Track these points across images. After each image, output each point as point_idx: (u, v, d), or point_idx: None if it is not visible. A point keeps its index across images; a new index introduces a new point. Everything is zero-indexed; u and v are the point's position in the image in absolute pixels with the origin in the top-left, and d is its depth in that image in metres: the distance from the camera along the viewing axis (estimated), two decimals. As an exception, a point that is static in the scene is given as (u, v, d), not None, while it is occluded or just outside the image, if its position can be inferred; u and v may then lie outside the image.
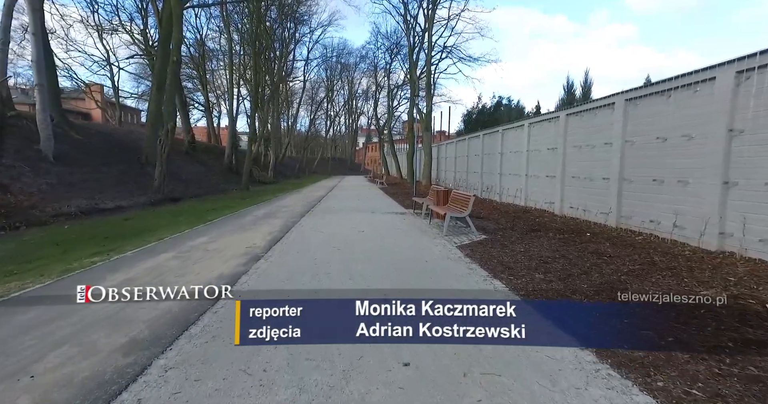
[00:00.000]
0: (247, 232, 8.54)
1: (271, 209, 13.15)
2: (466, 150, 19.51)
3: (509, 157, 14.40)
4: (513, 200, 13.71)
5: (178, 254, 6.27)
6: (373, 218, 11.00)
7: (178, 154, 26.08)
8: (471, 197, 8.22)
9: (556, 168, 11.01)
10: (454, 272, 5.37)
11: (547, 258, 6.05)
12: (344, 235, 8.19)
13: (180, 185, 20.59)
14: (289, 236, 8.10)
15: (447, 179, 23.50)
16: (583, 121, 9.91)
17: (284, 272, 5.29)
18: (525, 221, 9.91)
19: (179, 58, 16.85)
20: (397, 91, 39.34)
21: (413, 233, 8.50)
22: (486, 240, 7.63)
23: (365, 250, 6.74)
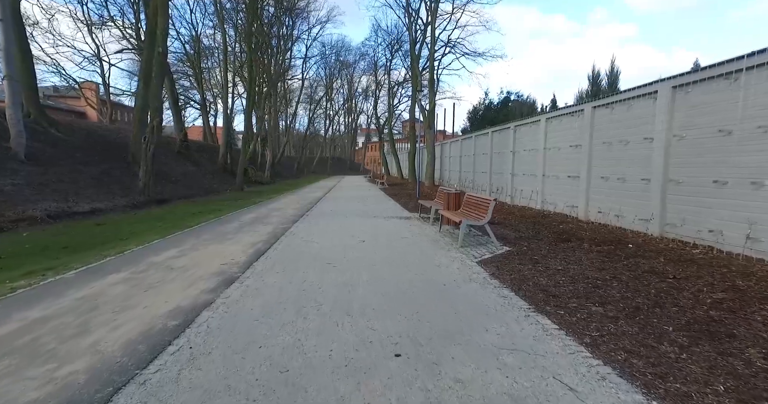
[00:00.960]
0: (227, 242, 7.25)
1: (261, 213, 11.86)
2: (472, 149, 18.24)
3: (523, 155, 13.12)
4: (527, 203, 12.43)
5: (132, 275, 4.98)
6: (375, 224, 9.72)
7: (170, 153, 24.80)
8: (490, 201, 6.94)
9: (579, 167, 9.74)
10: (483, 302, 4.09)
11: (596, 281, 4.77)
12: (341, 246, 6.91)
13: (169, 186, 19.30)
14: (276, 247, 6.81)
15: (451, 179, 22.21)
16: (614, 114, 8.64)
17: (260, 304, 4.00)
18: (548, 228, 8.63)
19: (165, 49, 15.58)
20: (398, 89, 38.08)
21: (423, 244, 7.22)
22: (511, 253, 6.35)
23: (367, 268, 5.46)
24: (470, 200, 8.10)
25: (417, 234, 8.22)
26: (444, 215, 8.23)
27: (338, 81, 54.98)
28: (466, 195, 8.51)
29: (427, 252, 6.49)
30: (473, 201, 7.87)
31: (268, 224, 9.66)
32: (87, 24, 27.96)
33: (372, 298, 4.19)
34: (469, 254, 6.41)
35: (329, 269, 5.37)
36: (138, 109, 17.98)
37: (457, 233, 8.23)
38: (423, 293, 4.35)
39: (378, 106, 45.38)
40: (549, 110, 12.01)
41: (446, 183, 22.99)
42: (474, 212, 7.53)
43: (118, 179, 16.23)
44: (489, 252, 6.52)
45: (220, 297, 4.20)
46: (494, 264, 5.69)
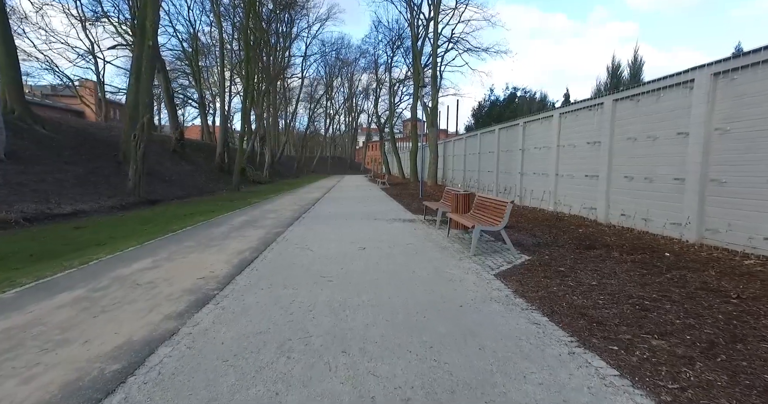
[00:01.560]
0: (211, 250, 6.43)
1: (255, 215, 11.05)
2: (477, 147, 17.41)
3: (533, 154, 12.30)
4: (539, 204, 11.61)
5: (87, 294, 4.17)
6: (377, 227, 8.91)
7: (165, 152, 24.01)
8: (507, 204, 6.11)
9: (599, 166, 8.92)
10: (512, 332, 3.27)
11: (643, 301, 3.95)
12: (340, 255, 6.09)
13: (162, 186, 18.51)
14: (266, 256, 6.00)
15: (455, 178, 21.39)
16: (640, 107, 7.81)
17: (234, 336, 3.18)
18: (566, 233, 7.81)
19: (155, 42, 14.77)
20: (399, 87, 37.23)
21: (431, 251, 6.41)
22: (532, 264, 5.53)
23: (369, 283, 4.65)
24: (482, 202, 7.27)
25: (423, 240, 7.40)
26: (453, 218, 7.41)
27: (338, 79, 54.19)
28: (477, 197, 7.69)
29: (437, 262, 5.68)
30: (486, 203, 7.05)
31: (261, 227, 8.85)
32: (81, 20, 27.15)
33: (374, 327, 3.37)
34: (485, 264, 5.59)
35: (324, 285, 4.55)
36: (129, 105, 17.15)
37: (467, 238, 7.42)
38: (436, 319, 3.54)
39: (379, 104, 44.55)
40: (562, 105, 11.18)
41: (450, 183, 22.16)
42: (487, 216, 6.71)
43: (106, 179, 15.43)
44: (506, 262, 5.70)
45: (186, 325, 3.38)
46: (515, 278, 4.87)
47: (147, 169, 19.76)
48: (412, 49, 25.87)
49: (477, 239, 6.23)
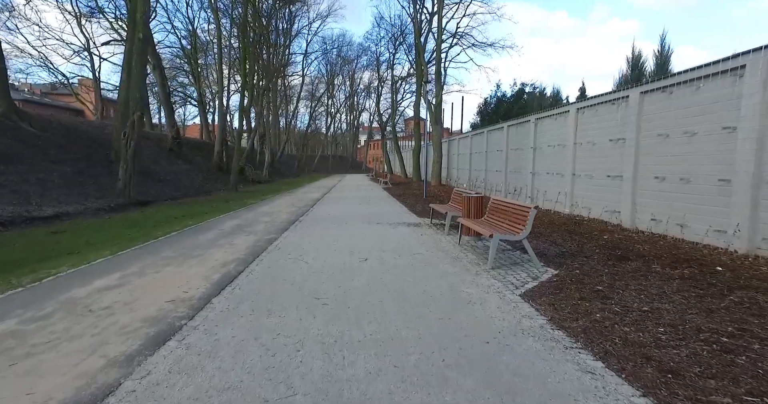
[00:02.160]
0: (190, 262, 5.62)
1: (248, 218, 10.23)
2: (484, 145, 16.55)
3: (546, 152, 11.44)
4: (553, 206, 10.76)
5: (17, 327, 3.34)
6: (380, 233, 8.09)
7: (161, 151, 23.23)
8: (530, 209, 5.28)
9: (623, 165, 8.07)
10: (564, 390, 2.45)
11: (720, 337, 3.11)
12: (338, 269, 5.27)
13: (155, 186, 17.72)
14: (252, 271, 5.18)
15: (460, 178, 20.54)
16: (673, 99, 6.96)
17: (189, 395, 2.36)
18: (590, 240, 6.98)
19: (147, 33, 13.95)
20: (402, 84, 36.36)
21: (442, 263, 5.58)
22: (561, 280, 4.69)
23: (372, 307, 3.83)
24: (498, 206, 6.44)
25: (432, 248, 6.57)
26: (465, 224, 6.57)
27: (340, 77, 53.34)
28: (491, 200, 6.85)
29: (451, 277, 4.85)
30: (503, 208, 6.21)
31: (252, 233, 8.03)
32: (76, 15, 26.36)
33: (379, 378, 2.55)
34: (506, 280, 4.76)
35: (317, 311, 3.73)
36: (121, 102, 16.35)
37: (481, 247, 6.58)
38: (460, 365, 2.71)
39: (381, 102, 43.66)
40: (577, 100, 10.34)
41: (455, 182, 21.32)
42: (506, 223, 5.88)
43: (96, 179, 14.64)
44: (531, 277, 4.87)
45: (132, 376, 2.56)
46: (546, 300, 4.04)
47: (141, 168, 19.00)
48: (415, 45, 24.99)
49: (496, 250, 5.39)
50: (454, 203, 8.99)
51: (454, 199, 9.07)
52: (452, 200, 9.16)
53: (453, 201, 9.05)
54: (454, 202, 9.00)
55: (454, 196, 9.14)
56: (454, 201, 8.94)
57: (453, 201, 9.05)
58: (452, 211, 8.04)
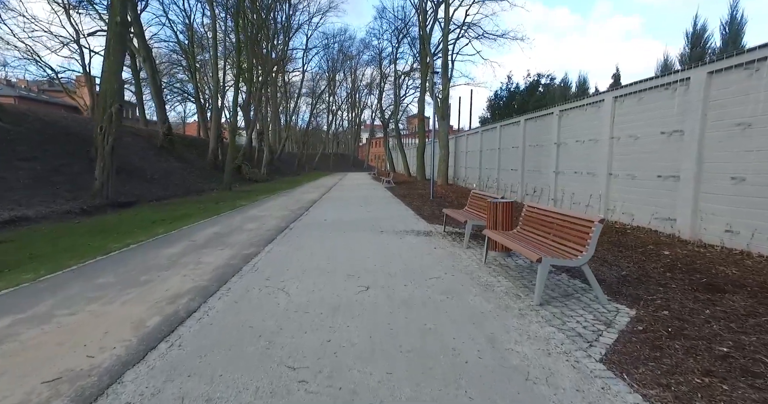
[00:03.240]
0: (129, 294, 4.13)
1: (232, 224, 8.74)
2: (497, 142, 15.01)
3: (573, 148, 9.92)
4: (583, 210, 9.24)
5: None
6: (385, 245, 6.60)
7: (151, 148, 21.77)
8: (593, 224, 3.78)
9: (680, 163, 6.56)
10: None
11: None
12: (327, 306, 3.78)
13: (141, 186, 16.26)
14: (209, 311, 3.69)
15: (468, 177, 19.01)
16: (754, 79, 5.44)
17: None
18: (648, 257, 5.49)
19: (125, 18, 12.46)
20: (405, 79, 34.76)
21: (470, 295, 4.09)
22: (652, 331, 3.19)
23: (376, 390, 2.35)
24: (539, 216, 4.93)
25: (451, 268, 5.08)
26: (497, 240, 5.06)
27: (341, 74, 51.75)
28: (526, 207, 5.35)
29: (488, 323, 3.35)
30: (546, 219, 4.71)
31: (230, 245, 6.55)
32: (64, 6, 24.85)
33: None
34: (568, 328, 3.27)
35: (288, 399, 2.25)
36: (103, 94, 14.88)
37: (513, 266, 5.08)
38: None
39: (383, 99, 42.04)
40: (610, 89, 8.81)
41: (462, 182, 19.80)
42: (553, 240, 4.38)
43: (73, 178, 13.19)
44: (601, 322, 3.38)
45: None
46: (649, 374, 2.55)
47: (126, 166, 17.56)
48: (420, 35, 23.41)
49: (544, 280, 3.88)
50: (472, 208, 7.49)
51: (472, 203, 7.56)
52: (470, 205, 7.66)
53: (471, 206, 7.55)
54: (472, 207, 7.49)
55: (472, 200, 7.64)
56: (473, 206, 7.44)
57: (471, 206, 7.55)
58: (472, 219, 6.54)
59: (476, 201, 7.36)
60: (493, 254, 5.77)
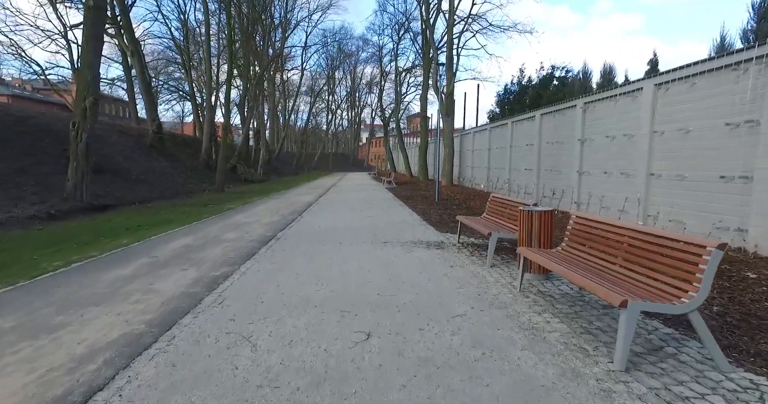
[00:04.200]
0: (26, 350, 2.85)
1: (209, 234, 7.45)
2: (508, 139, 13.73)
3: (600, 145, 8.64)
4: (618, 215, 7.96)
5: None
6: (390, 263, 5.32)
7: (140, 147, 20.48)
8: (707, 250, 2.51)
9: (754, 160, 5.28)
10: None
11: None
12: (309, 368, 2.50)
13: (124, 187, 14.97)
14: (131, 380, 2.42)
15: (476, 177, 17.71)
16: None
17: None
18: (728, 279, 4.21)
19: (99, 1, 11.15)
20: (406, 76, 33.46)
21: (514, 349, 2.82)
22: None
23: None
24: (597, 231, 3.64)
25: (478, 299, 3.80)
26: (538, 262, 3.77)
27: (340, 72, 50.44)
28: (574, 218, 4.07)
29: None
30: (614, 237, 3.41)
31: (199, 263, 5.27)
32: (51, 0, 23.50)
33: None
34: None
35: None
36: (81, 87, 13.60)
37: (557, 294, 3.77)
38: None
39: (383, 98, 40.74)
40: (647, 76, 7.53)
41: (469, 182, 18.51)
42: (629, 268, 3.10)
43: (43, 179, 11.91)
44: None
45: None
46: None
47: (111, 166, 16.29)
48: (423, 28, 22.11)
49: (632, 335, 2.58)
50: (493, 215, 6.20)
51: (492, 210, 6.27)
52: (489, 211, 6.37)
53: (492, 213, 6.26)
54: (493, 214, 6.20)
55: (492, 205, 6.35)
56: (494, 213, 6.15)
57: (492, 213, 6.26)
58: (497, 230, 5.25)
59: (498, 207, 6.07)
60: (528, 277, 4.48)
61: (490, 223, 5.89)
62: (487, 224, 5.82)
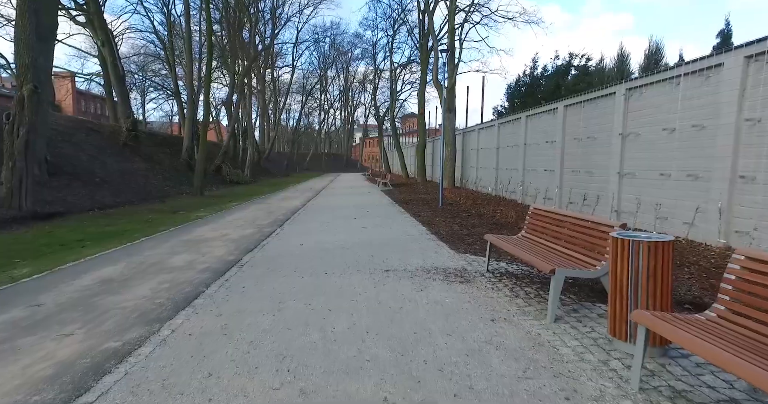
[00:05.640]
0: None
1: (152, 257, 5.52)
2: (521, 136, 11.93)
3: (653, 140, 6.86)
4: (684, 232, 6.15)
5: None
6: (396, 312, 3.46)
7: (111, 145, 18.38)
8: None
9: None
10: None
11: None
12: None
13: (83, 191, 12.92)
14: None
15: (480, 179, 15.89)
16: None
17: None
18: None
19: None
20: (402, 73, 31.64)
21: None
22: None
23: None
24: None
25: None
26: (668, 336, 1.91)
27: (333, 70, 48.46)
28: (745, 261, 2.23)
29: None
30: None
31: (98, 320, 3.35)
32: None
33: None
34: None
35: None
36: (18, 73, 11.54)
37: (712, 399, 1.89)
38: None
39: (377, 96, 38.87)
40: (718, 51, 5.76)
41: (472, 184, 16.68)
42: None
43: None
44: None
45: None
46: None
47: (71, 167, 14.23)
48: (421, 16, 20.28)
49: None
50: (539, 235, 4.34)
51: (538, 228, 4.42)
52: (533, 229, 4.53)
53: (537, 232, 4.40)
54: (539, 233, 4.35)
55: (537, 221, 4.50)
56: (541, 232, 4.29)
57: (537, 232, 4.40)
58: (562, 264, 3.40)
59: (549, 225, 4.22)
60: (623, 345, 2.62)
61: (539, 248, 4.05)
62: (535, 250, 3.97)
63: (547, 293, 3.56)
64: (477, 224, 8.28)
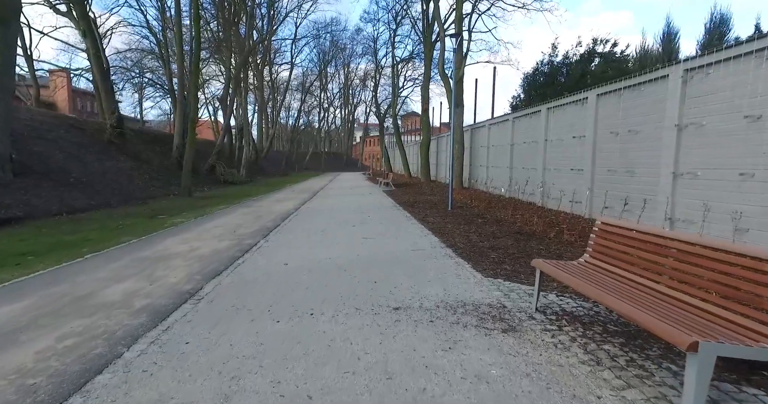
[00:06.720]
0: None
1: (84, 286, 4.13)
2: (541, 131, 10.50)
3: (725, 132, 5.45)
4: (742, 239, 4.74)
5: None
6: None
7: (94, 143, 16.96)
8: None
9: None
10: None
11: None
12: None
13: (53, 193, 11.52)
14: None
15: (492, 179, 14.45)
16: None
17: None
18: None
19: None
20: (404, 69, 30.18)
21: None
22: None
23: None
24: None
25: None
26: None
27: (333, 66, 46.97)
28: None
29: None
30: None
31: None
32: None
33: None
34: None
35: None
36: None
37: None
38: None
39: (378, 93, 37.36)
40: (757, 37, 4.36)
41: (482, 184, 15.24)
42: None
43: None
44: None
45: None
46: None
47: (43, 167, 12.83)
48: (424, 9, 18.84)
49: None
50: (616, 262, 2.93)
51: (617, 252, 3.02)
52: (604, 254, 3.13)
53: (614, 258, 3.00)
54: (618, 261, 2.94)
55: (610, 241, 3.09)
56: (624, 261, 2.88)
57: (614, 258, 3.00)
58: (706, 334, 2.00)
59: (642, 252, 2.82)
60: None
61: (628, 288, 2.65)
62: (622, 291, 2.57)
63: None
64: (498, 234, 6.90)
